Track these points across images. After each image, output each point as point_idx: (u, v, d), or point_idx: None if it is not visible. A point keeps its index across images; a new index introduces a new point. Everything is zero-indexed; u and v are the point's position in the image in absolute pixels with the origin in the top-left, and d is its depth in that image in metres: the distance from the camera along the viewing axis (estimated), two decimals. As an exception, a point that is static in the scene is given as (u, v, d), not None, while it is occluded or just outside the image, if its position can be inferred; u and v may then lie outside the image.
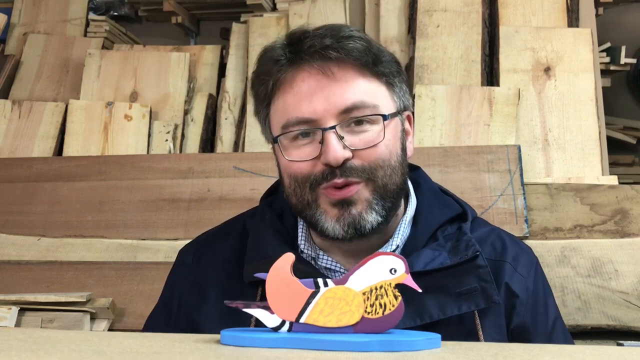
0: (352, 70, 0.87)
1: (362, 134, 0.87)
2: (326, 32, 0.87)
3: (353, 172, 0.86)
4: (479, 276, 0.88)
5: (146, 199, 2.11)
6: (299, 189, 0.90)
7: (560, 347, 0.64)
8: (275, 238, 0.96)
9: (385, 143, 0.88)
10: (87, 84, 2.59)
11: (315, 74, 0.87)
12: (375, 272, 0.66)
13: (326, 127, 0.85)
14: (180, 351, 0.61)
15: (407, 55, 2.46)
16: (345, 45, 0.86)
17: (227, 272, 0.98)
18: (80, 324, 1.69)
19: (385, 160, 0.88)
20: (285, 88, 0.89)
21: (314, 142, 0.87)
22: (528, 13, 2.42)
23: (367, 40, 0.89)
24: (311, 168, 0.88)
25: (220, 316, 0.92)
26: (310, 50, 0.86)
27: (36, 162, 2.26)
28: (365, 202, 0.88)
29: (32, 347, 0.61)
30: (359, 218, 0.87)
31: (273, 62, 0.89)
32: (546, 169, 2.15)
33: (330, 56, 0.86)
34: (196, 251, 1.05)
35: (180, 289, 1.02)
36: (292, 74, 0.88)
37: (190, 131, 2.55)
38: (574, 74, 2.26)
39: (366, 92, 0.87)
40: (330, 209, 0.88)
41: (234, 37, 2.73)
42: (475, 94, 2.21)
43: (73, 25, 2.92)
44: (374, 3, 2.60)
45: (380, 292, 0.65)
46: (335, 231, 0.88)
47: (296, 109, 0.87)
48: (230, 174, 2.08)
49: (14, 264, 2.00)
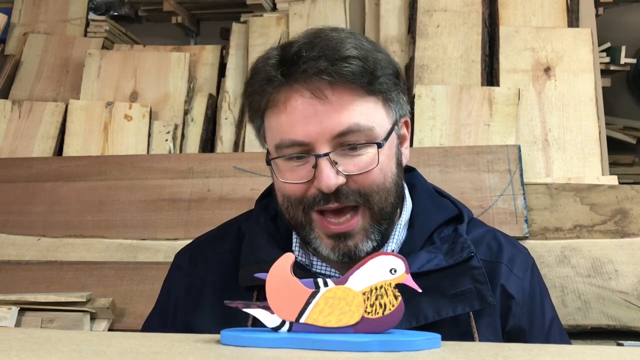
0: (347, 93, 0.85)
1: (357, 157, 0.86)
2: (320, 54, 0.84)
3: (348, 196, 0.86)
4: (473, 277, 0.88)
5: (146, 199, 2.11)
6: (292, 209, 0.90)
7: (560, 347, 0.64)
8: (269, 242, 0.96)
9: (379, 167, 0.87)
10: (87, 84, 2.59)
11: (309, 97, 0.85)
12: (375, 272, 0.66)
13: (320, 154, 0.84)
14: (180, 351, 0.61)
15: (407, 55, 2.46)
16: (341, 69, 0.84)
17: (223, 275, 0.98)
18: (80, 324, 1.69)
19: (379, 185, 0.88)
20: (279, 107, 0.87)
21: (308, 165, 0.87)
22: (528, 13, 2.42)
23: (364, 57, 0.86)
24: (304, 191, 0.87)
25: (215, 319, 0.93)
26: (303, 75, 0.84)
27: (36, 162, 2.26)
28: (362, 232, 0.88)
29: (32, 347, 0.61)
30: (355, 249, 0.88)
31: (266, 81, 0.88)
32: (546, 169, 2.15)
33: (324, 80, 0.84)
34: (192, 254, 1.06)
35: (176, 292, 1.03)
36: (285, 95, 0.87)
37: (190, 131, 2.55)
38: (574, 74, 2.26)
39: (361, 114, 0.86)
40: (326, 239, 0.89)
41: (234, 37, 2.73)
42: (475, 94, 2.21)
43: (73, 25, 2.92)
44: (374, 3, 2.60)
45: (380, 292, 0.66)
46: (329, 256, 0.89)
47: (289, 130, 0.86)
48: (230, 174, 2.08)
49: (14, 264, 2.00)
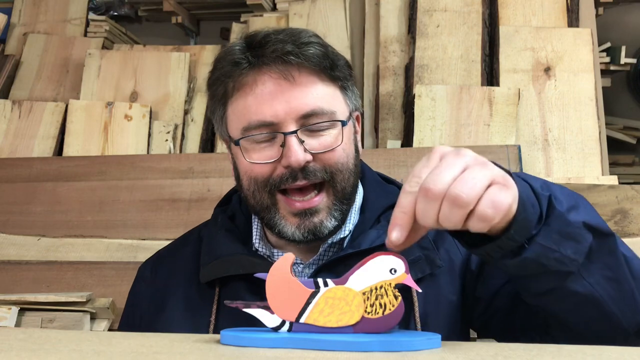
0: (311, 75, 0.90)
1: (321, 137, 0.90)
2: (286, 38, 0.89)
3: (314, 174, 0.89)
4: (420, 245, 0.92)
5: (146, 199, 2.11)
6: (257, 192, 0.92)
7: (559, 347, 0.64)
8: (227, 237, 0.98)
9: (342, 147, 0.91)
10: (87, 84, 2.59)
11: (276, 77, 0.89)
12: (375, 272, 0.66)
13: (287, 132, 0.88)
14: (180, 351, 0.61)
15: (407, 55, 2.46)
16: (306, 51, 0.89)
17: (186, 278, 1.00)
18: (80, 324, 1.69)
19: (343, 164, 0.92)
20: (246, 90, 0.90)
21: (275, 145, 0.90)
22: (528, 13, 2.42)
23: (324, 45, 0.92)
24: (271, 171, 0.90)
25: (179, 321, 0.95)
26: (272, 55, 0.88)
27: (36, 162, 2.26)
28: (326, 210, 0.91)
29: (32, 347, 0.61)
30: (320, 226, 0.91)
31: (233, 64, 0.91)
32: (546, 169, 2.15)
33: (291, 61, 0.88)
34: (154, 265, 1.08)
35: (140, 302, 1.05)
36: (254, 77, 0.90)
37: (190, 131, 2.55)
38: (574, 74, 2.26)
39: (324, 97, 0.90)
40: (291, 217, 0.91)
41: (234, 37, 2.74)
42: (475, 94, 2.21)
43: (73, 25, 2.92)
44: (374, 3, 2.60)
45: (380, 292, 0.66)
46: (294, 236, 0.91)
47: (257, 111, 0.89)
48: (230, 174, 2.07)
49: (14, 264, 2.00)
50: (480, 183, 0.62)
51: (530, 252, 0.69)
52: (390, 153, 2.08)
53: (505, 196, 0.64)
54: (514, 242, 0.68)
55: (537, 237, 0.69)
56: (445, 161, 0.65)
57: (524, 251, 0.69)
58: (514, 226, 0.67)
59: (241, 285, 0.93)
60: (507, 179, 0.66)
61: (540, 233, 0.69)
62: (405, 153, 2.07)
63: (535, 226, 0.69)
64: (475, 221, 0.63)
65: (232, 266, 0.94)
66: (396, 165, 2.00)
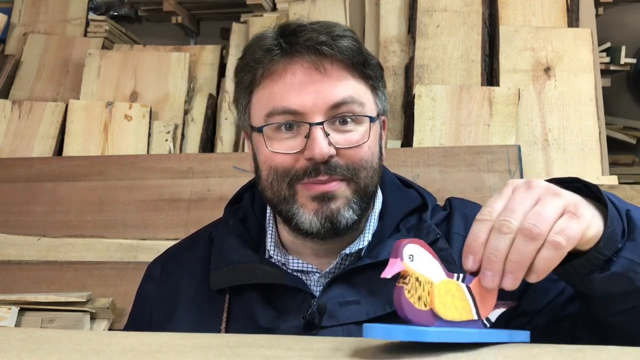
0: (343, 68, 0.88)
1: (348, 133, 0.87)
2: (321, 29, 0.87)
3: (337, 169, 0.86)
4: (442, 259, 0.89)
5: (146, 199, 2.11)
6: (276, 183, 0.89)
7: (560, 347, 0.64)
8: (239, 243, 0.95)
9: (368, 144, 0.89)
10: (87, 84, 2.59)
11: (307, 67, 0.86)
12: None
13: (313, 122, 0.85)
14: (180, 350, 0.61)
15: (407, 55, 2.46)
16: (340, 43, 0.87)
17: (196, 282, 0.98)
18: (80, 324, 1.69)
19: (368, 162, 0.89)
20: (274, 78, 0.88)
21: (299, 136, 0.87)
22: (528, 13, 2.42)
23: (359, 41, 0.90)
24: (293, 162, 0.87)
25: (190, 327, 0.92)
26: (306, 44, 0.86)
27: (36, 162, 2.26)
28: (345, 199, 0.88)
29: (32, 347, 0.61)
30: (337, 213, 0.87)
31: (264, 51, 0.88)
32: (546, 169, 2.15)
33: (324, 52, 0.86)
34: (163, 265, 1.05)
35: (150, 304, 1.02)
36: (284, 65, 0.87)
37: (190, 131, 2.55)
38: (574, 74, 2.26)
39: (355, 90, 0.88)
40: (309, 203, 0.88)
41: (234, 37, 2.74)
42: (475, 94, 2.21)
43: (73, 25, 2.92)
44: (374, 3, 2.60)
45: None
46: (311, 224, 0.88)
47: (283, 98, 0.86)
48: (230, 174, 2.08)
49: (14, 264, 2.00)
50: (552, 215, 0.64)
51: (618, 266, 0.69)
52: (390, 153, 2.08)
53: (577, 225, 0.64)
54: (602, 256, 0.68)
55: (623, 251, 0.69)
56: (517, 194, 0.66)
57: (612, 265, 0.69)
58: (603, 240, 0.68)
59: (253, 293, 0.91)
60: (579, 206, 0.66)
61: (626, 247, 0.69)
62: (405, 153, 2.07)
63: (620, 240, 0.70)
64: (546, 251, 0.63)
65: (244, 275, 0.91)
66: (396, 165, 2.00)
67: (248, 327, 0.89)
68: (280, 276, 0.91)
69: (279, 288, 0.90)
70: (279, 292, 0.90)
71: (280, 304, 0.90)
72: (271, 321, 0.89)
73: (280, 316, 0.89)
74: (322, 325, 0.86)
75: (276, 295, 0.91)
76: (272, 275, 0.90)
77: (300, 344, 0.66)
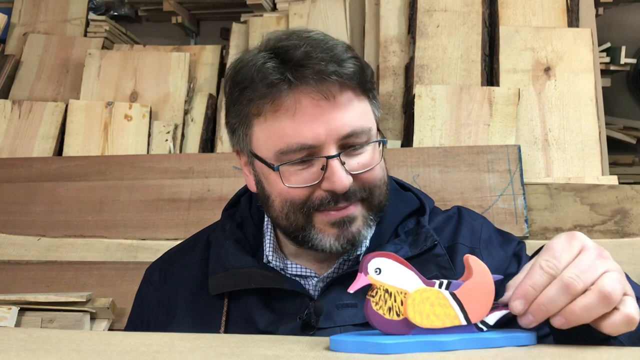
0: (350, 93, 0.87)
1: (359, 156, 0.87)
2: (327, 57, 0.84)
3: (355, 194, 0.87)
4: (438, 264, 0.91)
5: (146, 199, 2.11)
6: (292, 214, 0.88)
7: (560, 347, 0.64)
8: (236, 248, 0.95)
9: (380, 164, 0.90)
10: (87, 84, 2.59)
11: (318, 99, 0.84)
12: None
13: (331, 155, 0.84)
14: (180, 350, 0.61)
15: (407, 55, 2.46)
16: (347, 69, 0.85)
17: (194, 286, 0.98)
18: (80, 324, 1.69)
19: (381, 179, 0.90)
20: (282, 111, 0.84)
21: (313, 167, 0.85)
22: (528, 13, 2.42)
23: (357, 57, 0.89)
24: (309, 194, 0.86)
25: (189, 331, 0.91)
26: (315, 77, 0.83)
27: (36, 162, 2.26)
28: (362, 218, 0.89)
29: (32, 347, 0.61)
30: (358, 235, 0.88)
31: (268, 86, 0.84)
32: (546, 169, 2.15)
33: (333, 81, 0.84)
34: (162, 268, 1.05)
35: (148, 308, 1.03)
36: (294, 99, 0.84)
37: (190, 131, 2.55)
38: (574, 74, 2.26)
39: (361, 115, 0.88)
40: (328, 229, 0.88)
41: (234, 37, 2.74)
42: (475, 94, 2.21)
43: (73, 25, 2.92)
44: (374, 3, 2.60)
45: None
46: (332, 247, 0.88)
47: (296, 134, 0.84)
48: (230, 174, 2.08)
49: (14, 264, 2.00)
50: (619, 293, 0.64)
51: None
52: (390, 153, 2.08)
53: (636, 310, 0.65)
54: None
55: None
56: (587, 259, 0.66)
57: None
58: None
59: (251, 298, 0.92)
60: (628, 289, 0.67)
61: None
62: (405, 153, 2.07)
63: None
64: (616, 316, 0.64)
65: (242, 280, 0.91)
66: (396, 165, 2.01)
67: (247, 330, 0.89)
68: (279, 280, 0.91)
69: (277, 291, 0.91)
70: (278, 296, 0.91)
71: (278, 307, 0.91)
72: (270, 324, 0.89)
73: (278, 319, 0.90)
74: (319, 326, 0.87)
75: (274, 298, 0.91)
76: (270, 280, 0.90)
77: (301, 344, 0.66)
